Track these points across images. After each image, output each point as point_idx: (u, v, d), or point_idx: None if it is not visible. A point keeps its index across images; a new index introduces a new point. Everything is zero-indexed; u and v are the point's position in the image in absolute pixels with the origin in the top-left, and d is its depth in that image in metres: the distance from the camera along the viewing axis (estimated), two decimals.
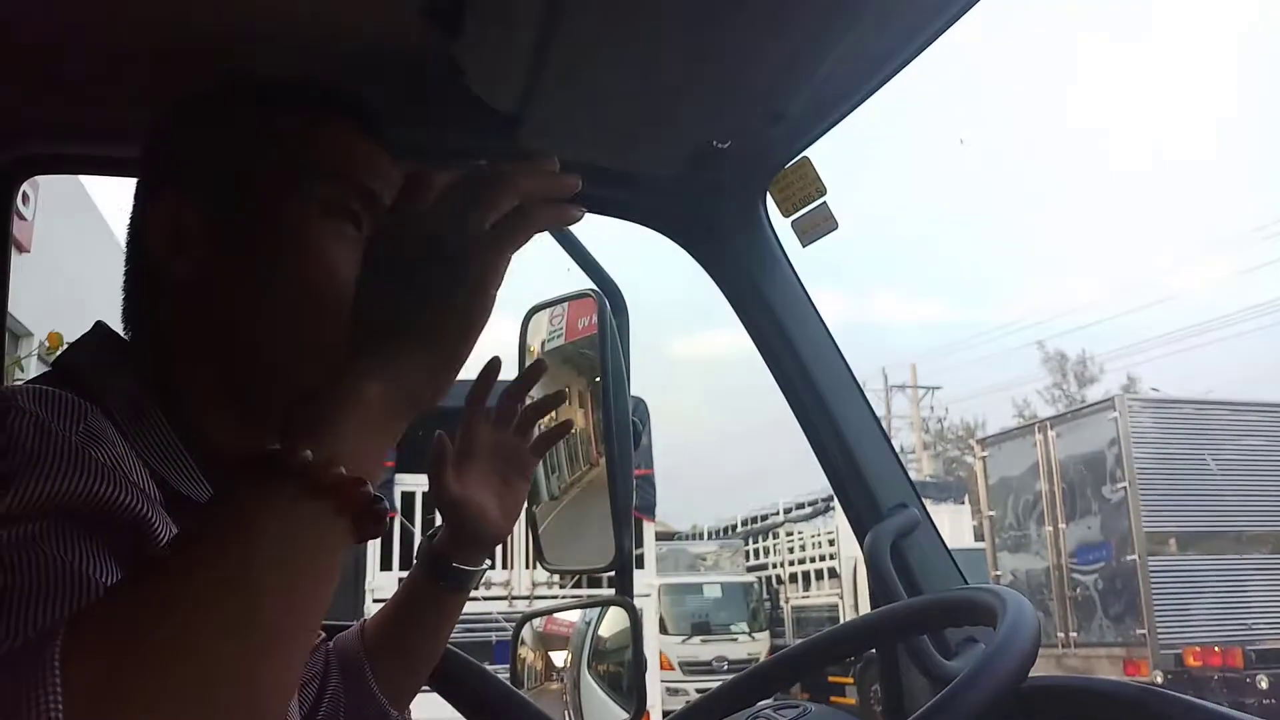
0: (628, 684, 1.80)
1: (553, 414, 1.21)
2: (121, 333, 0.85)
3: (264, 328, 0.80)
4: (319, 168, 0.84)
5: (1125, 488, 10.91)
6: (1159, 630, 10.49)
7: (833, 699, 16.06)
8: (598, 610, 1.76)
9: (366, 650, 1.12)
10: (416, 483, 8.49)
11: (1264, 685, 9.77)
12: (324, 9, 1.00)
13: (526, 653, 1.76)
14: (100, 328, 0.83)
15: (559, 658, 1.76)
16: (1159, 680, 10.30)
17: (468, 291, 0.64)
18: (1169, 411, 11.71)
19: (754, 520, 19.30)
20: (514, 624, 1.73)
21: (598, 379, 1.55)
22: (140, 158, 0.88)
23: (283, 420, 0.61)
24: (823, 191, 1.39)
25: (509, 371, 1.64)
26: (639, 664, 1.56)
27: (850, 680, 15.63)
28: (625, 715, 1.58)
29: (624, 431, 1.51)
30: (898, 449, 1.53)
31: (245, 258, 0.81)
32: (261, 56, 1.00)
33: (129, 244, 0.87)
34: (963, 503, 17.65)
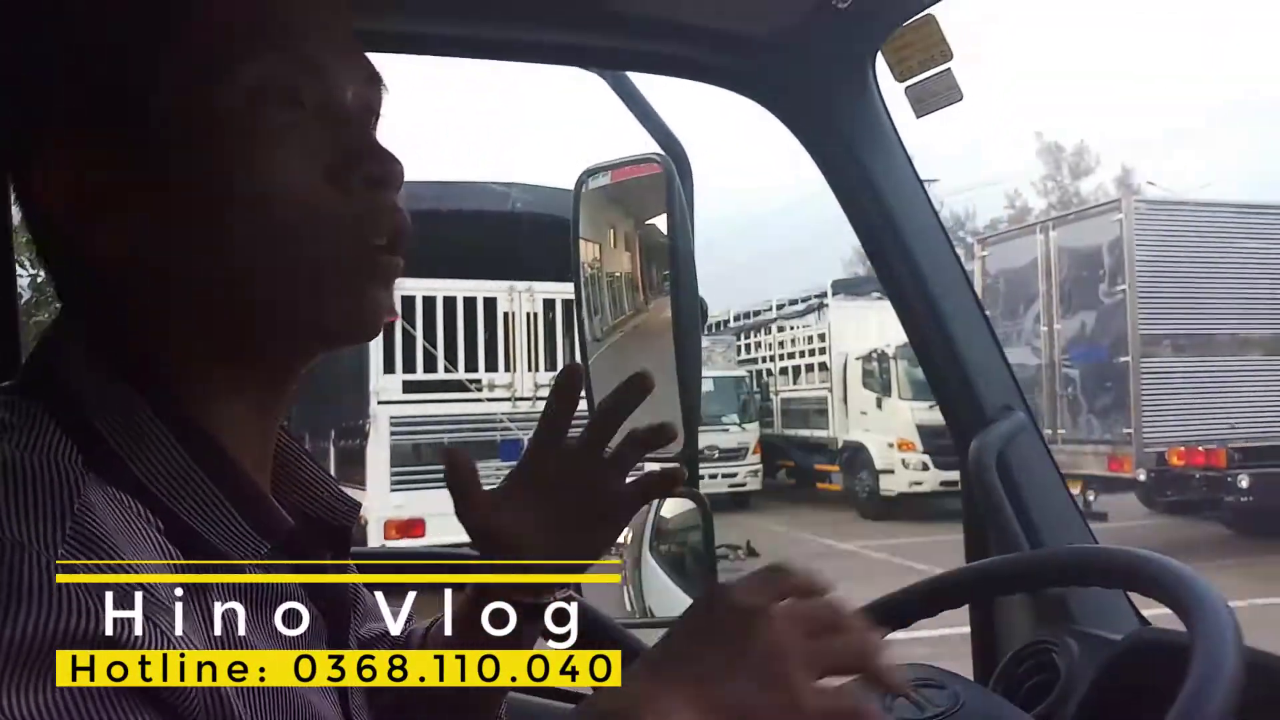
0: (691, 570, 1.73)
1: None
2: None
3: (225, 276, 0.61)
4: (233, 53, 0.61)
5: (1124, 290, 10.86)
6: (1145, 430, 10.70)
7: (819, 485, 16.65)
8: None
9: None
10: (415, 287, 8.42)
11: (1244, 484, 10.08)
12: None
13: None
14: (62, 317, 0.65)
15: None
16: (1141, 477, 10.61)
17: None
18: (1174, 213, 11.52)
19: (746, 315, 19.38)
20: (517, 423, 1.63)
21: (648, 221, 1.40)
22: None
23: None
24: (948, 56, 1.20)
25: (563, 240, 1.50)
26: (710, 557, 1.46)
27: (836, 468, 16.13)
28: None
29: (692, 319, 1.37)
30: None
31: (177, 200, 0.61)
32: None
33: (24, 216, 0.65)
34: None
